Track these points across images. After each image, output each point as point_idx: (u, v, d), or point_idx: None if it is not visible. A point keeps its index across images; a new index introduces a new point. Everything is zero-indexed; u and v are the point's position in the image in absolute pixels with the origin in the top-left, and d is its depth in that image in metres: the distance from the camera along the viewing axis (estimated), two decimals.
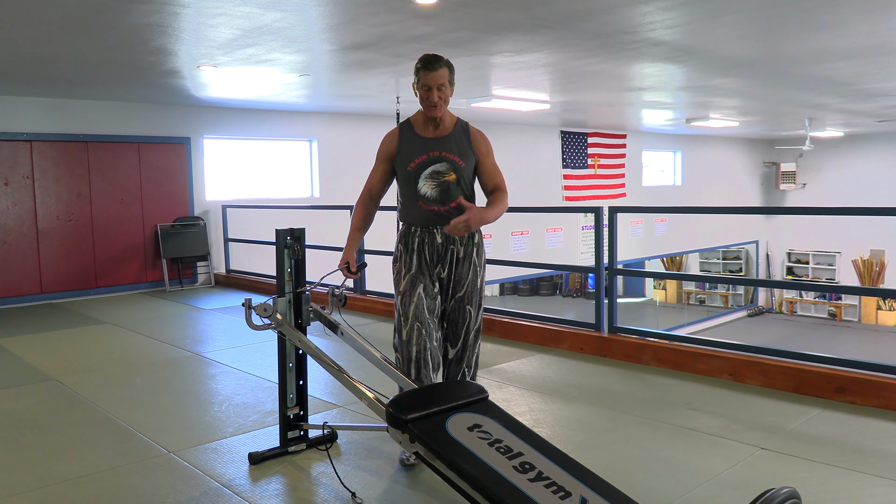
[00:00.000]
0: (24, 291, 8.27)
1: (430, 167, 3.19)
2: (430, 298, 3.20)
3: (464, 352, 3.31)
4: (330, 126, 10.83)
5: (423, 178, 3.19)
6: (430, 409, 2.59)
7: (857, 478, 2.95)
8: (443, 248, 3.22)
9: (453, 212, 3.19)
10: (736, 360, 4.38)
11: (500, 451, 2.37)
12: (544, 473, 2.27)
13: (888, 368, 3.90)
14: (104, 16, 4.74)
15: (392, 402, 2.63)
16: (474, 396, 2.71)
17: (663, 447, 3.35)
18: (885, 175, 16.62)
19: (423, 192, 3.19)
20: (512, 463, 2.31)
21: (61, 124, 8.44)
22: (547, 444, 2.46)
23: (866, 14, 5.08)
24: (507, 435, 2.47)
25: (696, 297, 19.51)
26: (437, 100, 3.11)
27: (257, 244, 9.26)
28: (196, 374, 4.93)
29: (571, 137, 14.25)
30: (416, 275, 3.20)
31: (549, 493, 2.17)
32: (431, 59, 3.11)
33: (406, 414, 2.54)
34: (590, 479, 2.27)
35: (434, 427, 2.49)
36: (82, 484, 3.09)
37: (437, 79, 3.09)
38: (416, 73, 3.14)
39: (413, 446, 2.52)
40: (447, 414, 2.57)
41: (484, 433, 2.47)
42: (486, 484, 2.21)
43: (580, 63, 6.78)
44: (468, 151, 3.24)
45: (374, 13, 4.82)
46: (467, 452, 2.36)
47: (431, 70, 3.09)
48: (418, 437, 2.46)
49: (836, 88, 8.87)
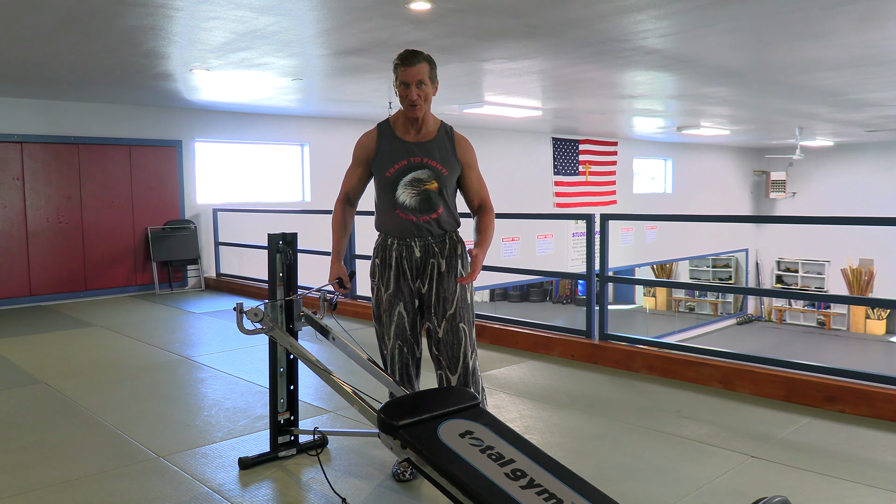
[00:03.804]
0: (12, 294, 8.21)
1: (411, 174, 3.00)
2: (411, 315, 3.08)
3: (466, 377, 3.08)
4: (322, 130, 10.82)
5: (403, 185, 3.00)
6: (422, 415, 2.57)
7: (847, 486, 2.96)
8: (422, 262, 3.03)
9: (433, 223, 3.03)
10: (726, 368, 4.39)
11: (491, 458, 2.37)
12: (536, 480, 2.27)
13: (877, 378, 3.93)
14: (96, 18, 4.72)
15: (384, 407, 2.62)
16: (466, 403, 2.69)
17: (653, 455, 3.36)
18: (874, 184, 16.74)
19: (402, 199, 3.01)
20: (504, 470, 2.31)
21: (52, 126, 8.39)
22: (539, 452, 2.45)
23: (857, 24, 5.13)
24: (499, 442, 2.46)
25: (686, 304, 19.57)
26: (417, 97, 2.91)
27: (248, 248, 9.23)
28: (186, 378, 4.90)
29: (563, 144, 14.30)
30: (394, 294, 3.05)
31: (540, 500, 2.17)
32: (409, 54, 2.93)
33: (398, 420, 2.52)
34: (581, 487, 2.27)
35: (426, 433, 2.48)
36: (71, 488, 3.06)
37: (416, 74, 2.90)
38: (394, 69, 2.96)
39: (405, 452, 2.51)
40: (439, 420, 2.56)
41: (476, 440, 2.47)
42: (477, 490, 2.21)
43: (573, 70, 6.81)
44: (452, 160, 3.05)
45: (367, 18, 4.82)
46: (459, 459, 2.35)
47: (409, 65, 2.90)
48: (410, 444, 2.45)
49: (826, 98, 8.94)
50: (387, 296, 3.07)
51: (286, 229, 3.40)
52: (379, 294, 3.10)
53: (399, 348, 3.07)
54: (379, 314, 3.12)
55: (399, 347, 3.07)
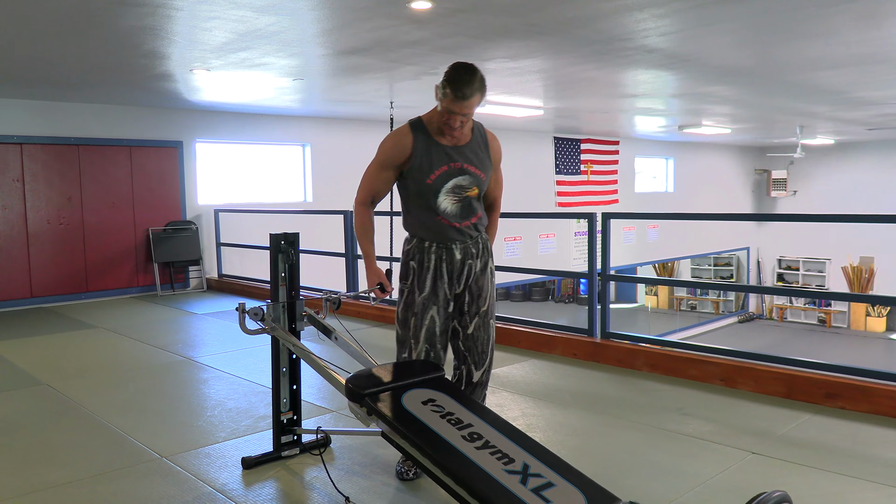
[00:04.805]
0: (14, 295, 8.22)
1: (452, 181, 2.85)
2: (443, 319, 2.98)
3: (488, 372, 3.12)
4: (323, 131, 10.83)
5: (445, 193, 2.85)
6: (387, 384, 2.71)
7: (847, 482, 2.97)
8: (461, 265, 2.96)
9: (472, 227, 2.95)
10: (728, 365, 4.40)
11: (450, 423, 2.49)
12: (491, 442, 2.39)
13: (877, 374, 3.93)
14: (96, 18, 4.73)
15: (351, 377, 2.74)
16: (430, 374, 2.83)
17: (655, 452, 3.36)
18: (874, 183, 16.73)
19: (444, 207, 2.87)
20: (461, 433, 2.43)
21: (52, 127, 8.40)
22: (497, 418, 2.59)
23: (857, 23, 5.13)
24: (459, 409, 2.60)
25: (688, 303, 19.58)
26: (458, 126, 2.76)
27: (250, 249, 9.24)
28: (188, 379, 4.91)
29: (564, 144, 14.30)
30: (429, 296, 2.93)
31: (493, 460, 2.29)
32: (466, 82, 2.67)
33: (364, 388, 2.65)
34: (533, 448, 2.39)
35: (389, 400, 2.62)
36: (74, 489, 3.07)
37: (466, 108, 2.71)
38: (442, 87, 2.73)
39: (370, 419, 2.62)
40: (403, 389, 2.69)
41: (437, 406, 2.59)
42: (435, 451, 2.34)
43: (574, 69, 6.81)
44: (487, 163, 2.95)
45: (368, 18, 4.83)
46: (419, 423, 2.48)
47: (463, 99, 2.68)
48: (374, 410, 2.57)
49: (827, 97, 8.94)
50: (421, 298, 2.95)
51: (288, 230, 3.41)
52: (411, 297, 2.97)
53: (426, 352, 2.97)
54: (406, 318, 2.99)
55: (426, 352, 2.96)
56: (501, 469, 2.24)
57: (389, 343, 5.68)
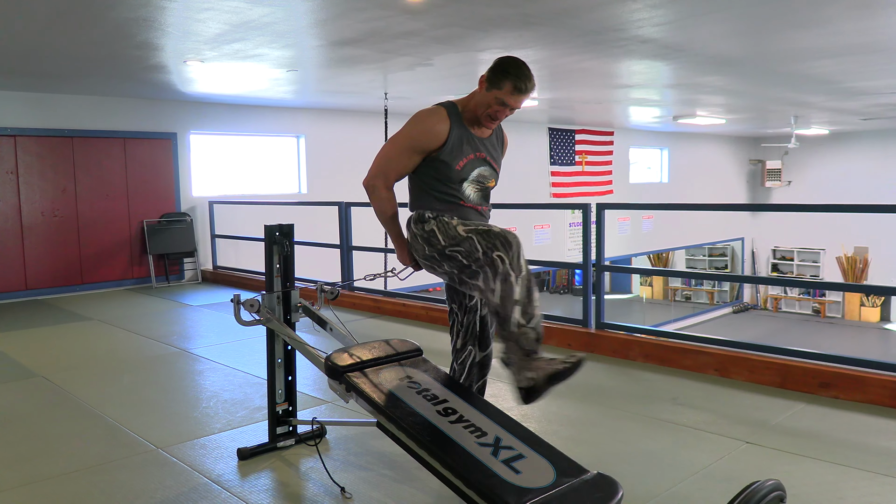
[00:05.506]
0: (8, 288, 8.20)
1: (477, 170, 2.81)
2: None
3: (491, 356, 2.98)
4: (317, 122, 10.80)
5: (470, 181, 2.80)
6: (367, 361, 2.78)
7: (841, 471, 2.99)
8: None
9: (487, 212, 2.92)
10: (722, 355, 4.41)
11: (426, 399, 2.58)
12: (465, 417, 2.48)
13: (871, 364, 3.95)
14: (89, 9, 4.71)
15: (330, 355, 2.80)
16: (409, 352, 2.91)
17: (650, 441, 3.38)
18: (869, 173, 16.77)
19: (468, 194, 2.82)
20: (436, 408, 2.52)
21: (46, 119, 8.36)
22: (471, 394, 2.68)
23: (851, 12, 5.13)
24: (435, 385, 2.69)
25: (682, 293, 19.63)
26: (502, 119, 2.79)
27: (245, 240, 9.23)
28: (183, 371, 4.91)
29: (559, 134, 14.29)
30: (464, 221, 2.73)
31: (466, 433, 2.38)
32: (527, 75, 2.69)
33: (343, 365, 2.72)
34: (505, 422, 2.47)
35: (368, 378, 2.70)
36: (70, 480, 3.08)
37: (521, 102, 2.73)
38: (498, 78, 2.67)
39: (349, 395, 2.69)
40: (382, 366, 2.79)
41: (414, 383, 2.69)
42: (410, 424, 2.41)
43: (569, 60, 6.80)
44: (500, 158, 2.99)
45: (362, 9, 4.81)
46: (395, 398, 2.58)
47: (523, 93, 2.69)
48: (353, 386, 2.64)
49: (821, 86, 8.95)
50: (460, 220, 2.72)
51: (282, 221, 3.40)
52: (450, 226, 2.69)
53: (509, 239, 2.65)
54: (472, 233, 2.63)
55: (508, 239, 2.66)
56: (474, 442, 2.33)
57: (384, 333, 5.69)
